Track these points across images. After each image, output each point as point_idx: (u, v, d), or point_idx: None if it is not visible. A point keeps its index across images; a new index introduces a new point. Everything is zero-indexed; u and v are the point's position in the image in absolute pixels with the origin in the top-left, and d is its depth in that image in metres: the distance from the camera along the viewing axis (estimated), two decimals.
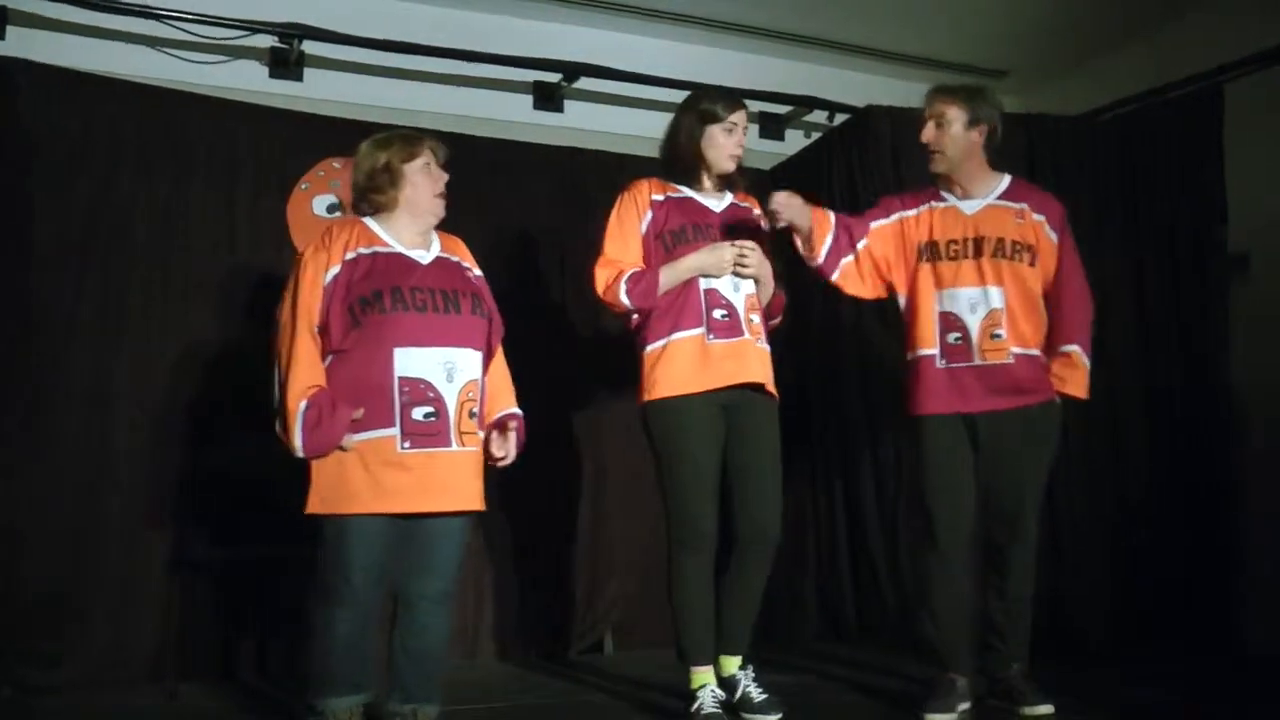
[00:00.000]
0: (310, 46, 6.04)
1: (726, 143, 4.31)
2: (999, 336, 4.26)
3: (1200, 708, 4.44)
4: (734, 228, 4.32)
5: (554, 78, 6.56)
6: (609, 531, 6.02)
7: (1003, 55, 7.20)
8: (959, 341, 4.29)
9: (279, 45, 6.00)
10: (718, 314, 4.16)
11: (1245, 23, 6.01)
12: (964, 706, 4.22)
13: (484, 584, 5.77)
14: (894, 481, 6.02)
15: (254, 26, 5.83)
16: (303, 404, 3.49)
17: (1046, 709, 4.15)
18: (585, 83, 6.62)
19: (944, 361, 4.31)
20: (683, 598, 4.18)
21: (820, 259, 4.40)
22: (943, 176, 4.44)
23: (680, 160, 4.35)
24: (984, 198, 4.40)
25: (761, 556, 4.24)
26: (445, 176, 3.83)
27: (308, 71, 6.13)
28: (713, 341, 4.15)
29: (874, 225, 4.46)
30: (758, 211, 4.45)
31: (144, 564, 5.06)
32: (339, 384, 3.56)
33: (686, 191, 4.36)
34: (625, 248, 4.30)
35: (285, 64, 6.06)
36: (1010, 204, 4.39)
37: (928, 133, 4.40)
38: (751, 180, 4.56)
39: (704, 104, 4.34)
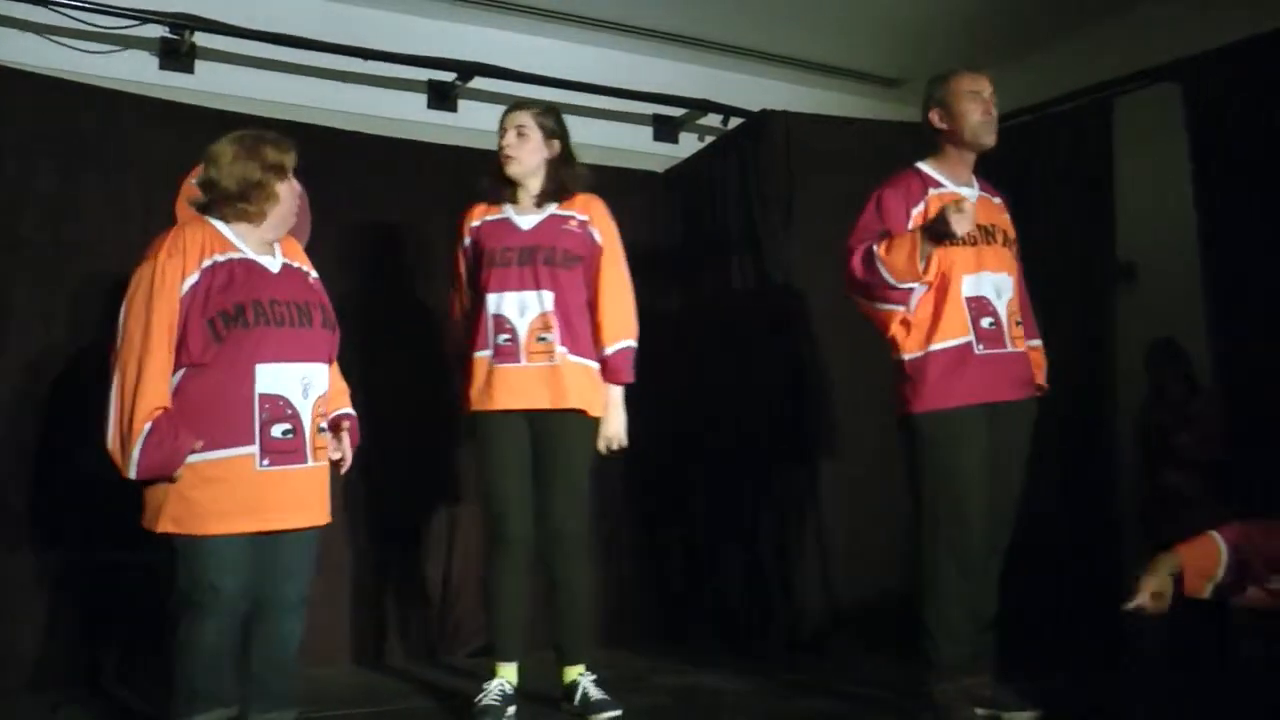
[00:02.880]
0: (201, 38, 5.93)
1: (502, 145, 4.37)
2: (1020, 324, 4.19)
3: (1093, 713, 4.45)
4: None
5: (448, 77, 6.54)
6: None
7: (896, 64, 7.30)
8: (993, 326, 4.09)
9: (170, 36, 5.90)
10: (502, 339, 4.23)
11: (1135, 40, 6.19)
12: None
13: (368, 588, 5.70)
14: (780, 484, 6.03)
15: (144, 16, 5.71)
16: (147, 426, 3.35)
17: (1029, 714, 4.06)
18: (480, 82, 6.58)
19: (981, 347, 4.06)
20: (490, 596, 4.33)
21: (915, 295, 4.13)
22: (941, 158, 4.28)
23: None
24: (971, 186, 4.29)
25: (557, 558, 4.29)
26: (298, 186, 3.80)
27: (199, 64, 6.02)
28: (495, 365, 4.24)
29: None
30: (584, 216, 4.41)
31: (16, 571, 4.90)
32: (194, 398, 3.44)
33: (506, 211, 4.39)
34: (457, 274, 4.55)
35: (176, 55, 5.95)
36: (989, 195, 4.33)
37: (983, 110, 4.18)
38: (641, 182, 4.56)
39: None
